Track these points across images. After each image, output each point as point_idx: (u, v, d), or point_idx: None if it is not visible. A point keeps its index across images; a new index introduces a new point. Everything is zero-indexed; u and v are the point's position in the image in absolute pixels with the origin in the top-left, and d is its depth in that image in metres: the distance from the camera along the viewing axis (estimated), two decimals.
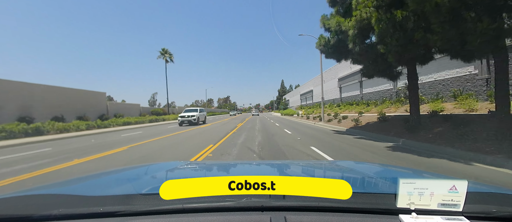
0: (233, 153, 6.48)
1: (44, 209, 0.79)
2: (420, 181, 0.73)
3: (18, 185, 4.00)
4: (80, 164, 5.49)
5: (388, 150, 6.48)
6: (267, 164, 2.21)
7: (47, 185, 1.19)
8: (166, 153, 6.93)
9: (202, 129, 15.57)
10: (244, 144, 8.12)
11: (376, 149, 6.79)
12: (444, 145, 6.11)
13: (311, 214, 0.77)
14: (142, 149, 7.76)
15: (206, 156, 6.12)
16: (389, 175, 1.37)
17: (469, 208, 0.72)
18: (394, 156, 5.80)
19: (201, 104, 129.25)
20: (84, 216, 0.77)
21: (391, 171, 1.54)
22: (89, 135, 13.74)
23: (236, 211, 0.79)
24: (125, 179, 1.34)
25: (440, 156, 5.49)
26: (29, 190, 1.04)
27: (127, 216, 0.78)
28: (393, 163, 5.08)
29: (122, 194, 0.93)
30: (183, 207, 0.79)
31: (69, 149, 8.16)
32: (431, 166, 4.65)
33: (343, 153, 6.38)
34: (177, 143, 8.87)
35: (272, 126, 16.42)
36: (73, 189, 1.13)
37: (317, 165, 1.84)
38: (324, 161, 3.11)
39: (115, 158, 6.21)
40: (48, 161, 5.97)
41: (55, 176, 4.57)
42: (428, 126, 8.22)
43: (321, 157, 5.90)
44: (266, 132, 12.22)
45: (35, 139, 11.83)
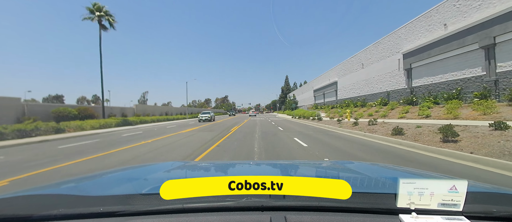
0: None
1: (44, 209, 0.78)
2: (420, 181, 0.73)
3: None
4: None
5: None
6: (267, 164, 2.13)
7: (47, 185, 1.17)
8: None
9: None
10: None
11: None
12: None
13: (311, 214, 0.77)
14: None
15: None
16: (389, 175, 1.37)
17: (469, 208, 0.73)
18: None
19: (198, 104, 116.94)
20: (84, 216, 0.77)
21: (391, 171, 1.52)
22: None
23: (236, 211, 0.79)
24: (125, 179, 1.33)
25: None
26: (29, 190, 1.01)
27: (127, 216, 0.78)
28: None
29: (122, 194, 0.92)
30: (183, 207, 0.79)
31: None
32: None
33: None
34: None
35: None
36: (73, 189, 1.13)
37: (317, 165, 1.80)
38: (324, 161, 2.81)
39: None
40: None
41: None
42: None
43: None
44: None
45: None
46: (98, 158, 6.47)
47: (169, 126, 20.05)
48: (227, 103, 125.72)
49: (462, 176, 4.20)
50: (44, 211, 0.77)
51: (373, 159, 5.78)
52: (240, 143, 8.54)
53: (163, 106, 45.44)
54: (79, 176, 1.44)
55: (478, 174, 4.25)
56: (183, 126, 19.00)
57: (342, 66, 32.55)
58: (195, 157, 6.27)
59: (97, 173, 1.72)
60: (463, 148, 5.73)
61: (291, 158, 5.96)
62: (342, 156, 6.15)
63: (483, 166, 4.67)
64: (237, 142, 8.98)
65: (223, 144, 8.51)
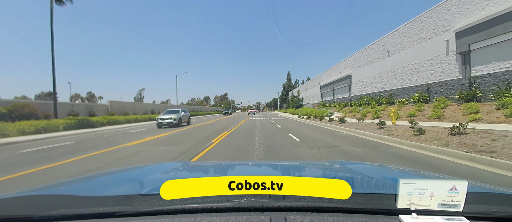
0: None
1: (44, 209, 0.78)
2: (420, 182, 0.73)
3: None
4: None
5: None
6: (267, 164, 2.15)
7: (47, 186, 1.17)
8: None
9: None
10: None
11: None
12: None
13: (311, 215, 0.77)
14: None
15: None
16: (389, 175, 1.36)
17: (469, 208, 0.72)
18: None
19: (197, 102, 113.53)
20: (84, 217, 0.77)
21: (391, 172, 1.52)
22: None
23: (236, 212, 0.79)
24: (125, 179, 1.32)
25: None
26: (29, 190, 1.01)
27: (127, 216, 0.78)
28: None
29: (122, 194, 0.91)
30: (183, 207, 0.79)
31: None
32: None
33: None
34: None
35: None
36: (73, 190, 1.12)
37: (317, 166, 1.80)
38: (324, 161, 2.74)
39: None
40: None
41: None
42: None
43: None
44: None
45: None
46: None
47: (132, 131, 15.06)
48: (226, 101, 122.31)
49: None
50: (43, 211, 0.77)
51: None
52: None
53: (150, 104, 39.76)
54: (79, 176, 1.44)
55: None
56: (150, 132, 13.77)
57: (358, 56, 27.25)
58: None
59: (97, 173, 1.75)
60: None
61: None
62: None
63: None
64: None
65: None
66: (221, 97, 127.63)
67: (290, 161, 2.35)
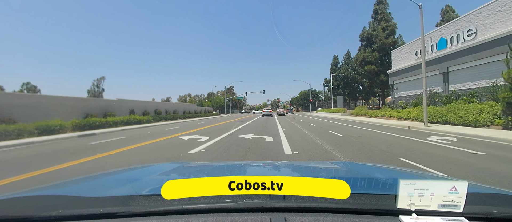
0: None
1: (44, 210, 0.78)
2: (420, 182, 0.73)
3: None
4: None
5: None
6: (267, 164, 2.16)
7: (47, 186, 1.17)
8: None
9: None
10: None
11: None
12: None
13: (311, 215, 0.77)
14: None
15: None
16: (389, 176, 1.36)
17: (469, 209, 0.73)
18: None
19: (196, 100, 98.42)
20: (84, 217, 0.77)
21: (391, 172, 1.52)
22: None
23: (236, 212, 0.79)
24: (125, 179, 1.32)
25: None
26: (29, 191, 1.01)
27: (127, 217, 0.78)
28: None
29: (122, 195, 0.91)
30: (183, 208, 0.79)
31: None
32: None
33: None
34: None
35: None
36: (72, 190, 1.12)
37: (317, 166, 1.81)
38: (324, 162, 2.80)
39: None
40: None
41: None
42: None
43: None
44: None
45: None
46: None
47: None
48: (233, 99, 79.48)
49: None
50: (43, 212, 0.77)
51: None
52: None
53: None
54: (79, 177, 1.43)
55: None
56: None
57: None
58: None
59: (96, 174, 1.71)
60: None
61: None
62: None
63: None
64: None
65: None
66: (222, 92, 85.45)
67: (290, 161, 2.22)
